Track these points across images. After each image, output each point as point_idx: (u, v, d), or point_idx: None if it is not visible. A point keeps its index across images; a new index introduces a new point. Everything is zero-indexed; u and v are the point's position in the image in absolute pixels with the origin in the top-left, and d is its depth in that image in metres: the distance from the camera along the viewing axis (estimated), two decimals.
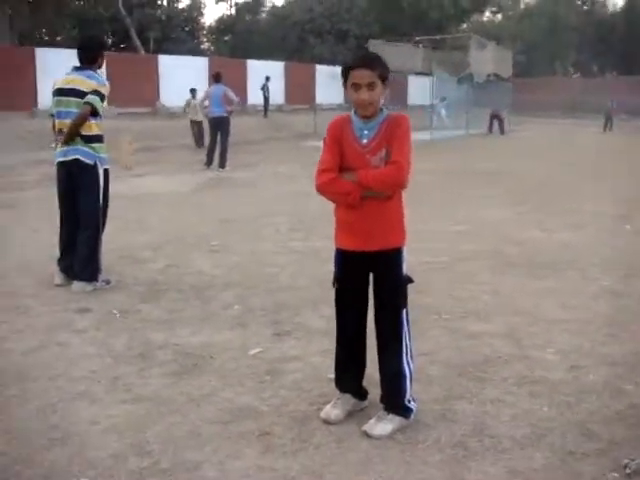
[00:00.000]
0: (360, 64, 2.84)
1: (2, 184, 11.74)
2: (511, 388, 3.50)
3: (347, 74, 2.87)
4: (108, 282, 5.41)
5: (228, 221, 8.35)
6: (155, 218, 8.60)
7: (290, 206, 9.42)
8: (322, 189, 2.93)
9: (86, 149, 5.11)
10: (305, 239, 7.36)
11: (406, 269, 3.05)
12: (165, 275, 5.84)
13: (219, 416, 3.17)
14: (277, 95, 30.75)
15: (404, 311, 3.02)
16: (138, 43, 36.34)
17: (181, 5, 47.05)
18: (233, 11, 49.60)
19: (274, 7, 49.14)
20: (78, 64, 5.27)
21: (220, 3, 50.76)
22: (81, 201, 5.17)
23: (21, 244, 6.97)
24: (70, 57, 21.15)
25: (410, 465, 2.74)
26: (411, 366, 3.07)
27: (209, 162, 14.17)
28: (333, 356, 3.23)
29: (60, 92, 5.13)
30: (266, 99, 27.95)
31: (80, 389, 3.49)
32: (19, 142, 17.57)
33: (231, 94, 13.85)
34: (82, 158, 5.09)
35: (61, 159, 5.16)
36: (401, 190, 2.96)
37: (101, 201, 5.23)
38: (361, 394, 3.20)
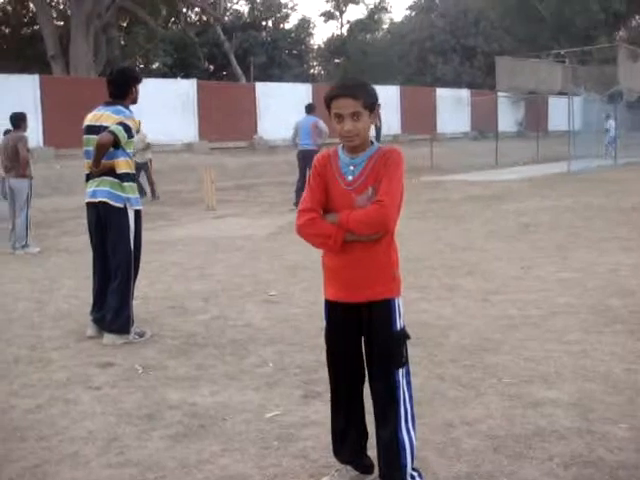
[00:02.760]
0: (342, 93, 2.95)
1: (66, 227, 12.62)
2: (555, 469, 3.40)
3: (329, 104, 2.98)
4: (142, 335, 5.73)
5: (297, 268, 8.57)
6: (219, 265, 8.98)
7: None
8: (301, 231, 3.03)
9: (114, 191, 5.47)
10: None
11: (402, 323, 3.09)
12: (207, 328, 6.09)
13: None
14: (392, 123, 31.09)
15: (401, 371, 3.05)
16: (238, 70, 38.01)
17: (288, 26, 48.88)
18: (344, 30, 50.92)
19: (392, 23, 50.01)
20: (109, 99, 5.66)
21: (329, 22, 51.99)
22: (110, 247, 5.54)
23: (67, 291, 7.48)
24: (162, 86, 22.58)
25: None
26: (412, 435, 3.08)
27: (298, 201, 14.50)
28: None
29: (89, 130, 5.56)
30: (377, 128, 28.31)
31: (70, 450, 3.73)
32: None
33: (322, 125, 14.35)
34: (110, 201, 5.46)
35: (89, 200, 5.56)
36: (390, 233, 3.01)
37: (132, 246, 5.57)
38: (365, 466, 3.23)
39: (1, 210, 11.44)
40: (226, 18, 45.19)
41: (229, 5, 47.35)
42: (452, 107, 33.89)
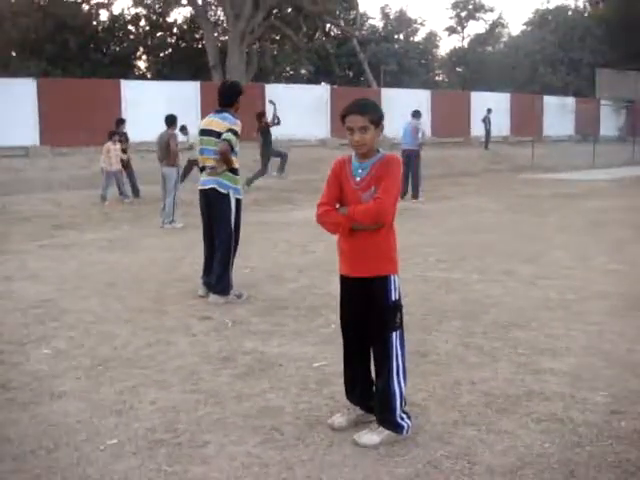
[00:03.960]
0: (353, 111, 3.28)
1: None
2: (529, 424, 3.59)
3: (344, 119, 3.30)
4: (240, 296, 6.23)
5: None
6: (322, 243, 9.33)
7: (454, 238, 9.67)
8: (319, 219, 3.40)
9: (221, 179, 5.98)
10: (447, 269, 7.62)
11: (396, 296, 3.37)
12: (294, 293, 6.52)
13: (248, 411, 3.73)
14: (502, 127, 30.48)
15: (394, 334, 3.34)
16: (371, 77, 38.18)
17: (417, 38, 48.60)
18: (465, 43, 50.15)
19: (510, 37, 48.68)
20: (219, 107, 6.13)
21: (452, 35, 51.32)
22: (215, 225, 6.06)
23: (193, 259, 8.12)
24: (301, 91, 23.09)
25: (372, 473, 3.06)
26: (402, 385, 3.37)
27: (402, 195, 14.63)
28: None
29: (202, 132, 6.09)
30: (487, 131, 27.87)
31: (160, 378, 4.26)
32: (243, 170, 19.60)
33: (422, 129, 14.55)
34: (217, 187, 5.98)
35: (201, 187, 6.11)
36: (388, 224, 3.30)
37: (232, 227, 6.05)
38: (369, 407, 3.55)
39: (153, 193, 12.36)
40: (363, 32, 45.49)
41: (367, 20, 47.56)
42: (558, 112, 32.73)
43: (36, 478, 3.00)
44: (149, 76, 35.84)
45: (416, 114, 15.17)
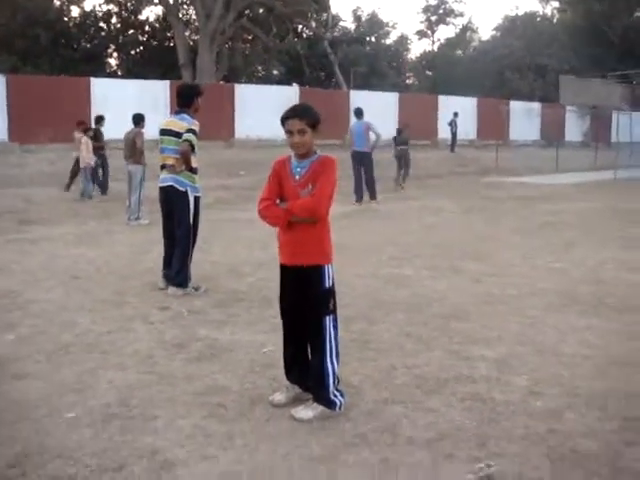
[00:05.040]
0: (291, 115, 3.63)
1: None
2: (453, 402, 3.95)
3: (284, 123, 3.64)
4: (197, 289, 6.53)
5: (340, 247, 9.12)
6: None
7: (410, 238, 10.06)
8: (260, 213, 3.74)
9: (180, 178, 6.28)
10: (399, 266, 7.99)
11: (329, 284, 3.72)
12: (249, 287, 6.84)
13: (197, 390, 4.05)
14: (469, 130, 31.13)
15: (327, 318, 3.69)
16: (341, 79, 38.65)
17: (388, 41, 49.17)
18: (435, 47, 50.97)
19: (480, 42, 49.55)
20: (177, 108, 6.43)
21: (423, 39, 52.09)
22: (175, 222, 6.35)
23: (156, 254, 8.37)
24: (268, 92, 23.41)
25: (304, 443, 3.40)
26: (335, 365, 3.72)
27: (359, 199, 14.47)
28: None
29: (162, 132, 6.39)
30: (453, 134, 28.45)
31: (118, 361, 4.56)
32: (211, 169, 19.86)
33: (374, 130, 14.21)
34: (176, 185, 6.28)
35: (160, 185, 6.40)
36: (322, 218, 3.65)
37: (191, 223, 6.35)
38: (307, 386, 3.88)
39: (120, 190, 12.58)
40: (335, 34, 45.96)
41: (339, 22, 48.00)
42: (524, 117, 33.50)
43: None
44: (120, 73, 35.87)
45: (358, 113, 14.61)
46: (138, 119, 11.41)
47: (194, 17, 33.43)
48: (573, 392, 4.13)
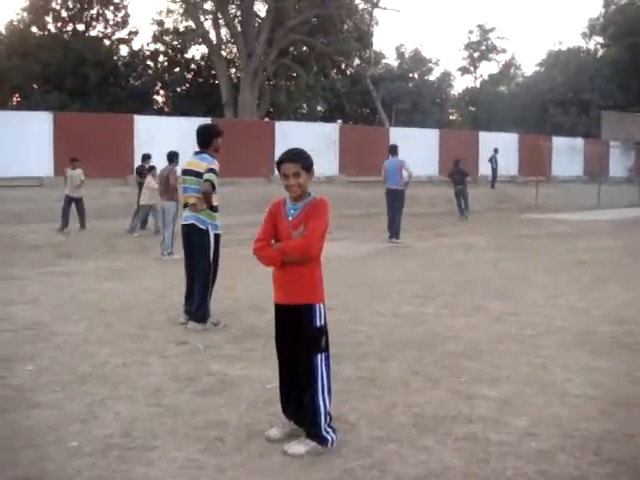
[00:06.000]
0: (286, 159, 3.82)
1: None
2: (448, 442, 4.01)
3: (279, 167, 3.83)
4: (217, 324, 6.72)
5: (362, 284, 9.34)
6: None
7: (435, 275, 10.12)
8: (255, 253, 3.92)
9: (201, 216, 6.51)
10: (420, 304, 8.05)
11: (321, 322, 3.86)
12: (268, 323, 6.94)
13: (198, 423, 4.20)
14: (510, 166, 31.04)
15: (319, 356, 3.82)
16: (384, 115, 39.00)
17: (431, 78, 49.57)
18: (478, 83, 51.19)
19: (525, 78, 49.56)
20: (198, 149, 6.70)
21: (465, 75, 52.40)
22: (195, 258, 6.58)
23: (182, 289, 8.62)
24: (310, 128, 23.88)
25: (293, 478, 3.51)
26: (327, 402, 3.83)
27: (392, 235, 14.47)
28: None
29: (183, 172, 6.68)
30: (494, 170, 28.43)
31: (129, 393, 4.76)
32: (249, 205, 20.26)
33: (407, 168, 14.31)
34: (197, 223, 6.52)
35: (182, 222, 6.67)
36: (315, 259, 3.81)
37: (211, 260, 6.57)
38: (301, 422, 4.00)
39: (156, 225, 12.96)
40: (380, 71, 46.62)
41: (382, 59, 48.67)
42: (566, 153, 33.30)
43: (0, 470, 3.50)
44: (167, 110, 36.93)
45: (393, 150, 14.74)
46: (172, 156, 11.80)
47: (237, 55, 34.38)
48: (570, 433, 4.15)
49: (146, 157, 16.28)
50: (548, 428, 4.24)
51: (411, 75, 48.71)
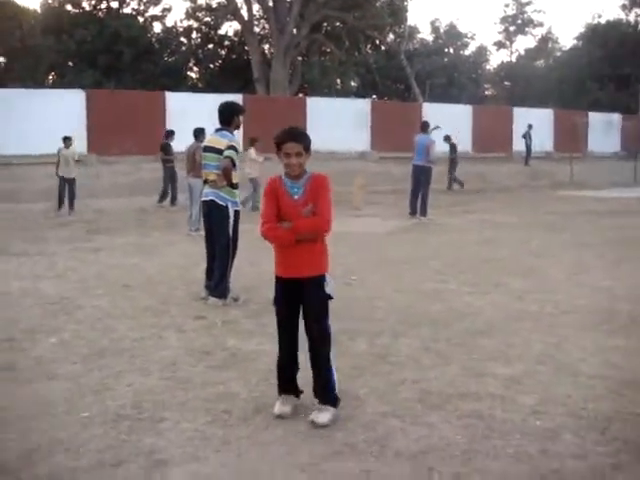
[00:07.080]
0: (288, 139, 3.87)
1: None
2: (452, 419, 4.03)
3: (280, 146, 3.86)
4: (236, 299, 6.81)
5: (387, 261, 9.35)
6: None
7: (461, 252, 10.08)
8: (265, 235, 3.99)
9: (221, 193, 6.57)
10: (442, 281, 8.04)
11: (329, 289, 3.96)
12: None
13: (208, 396, 4.30)
14: (545, 143, 30.46)
15: (328, 319, 3.97)
16: (417, 91, 38.53)
17: (467, 52, 48.78)
18: (514, 57, 50.25)
19: (561, 52, 48.48)
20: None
21: (501, 50, 51.46)
22: (215, 235, 6.66)
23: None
24: (342, 104, 23.61)
25: (294, 450, 3.58)
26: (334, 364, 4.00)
27: (413, 211, 14.46)
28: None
29: (204, 149, 6.75)
30: (527, 147, 27.93)
31: (144, 366, 4.88)
32: None
33: (433, 150, 14.21)
34: (216, 200, 6.58)
35: (203, 199, 6.74)
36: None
37: (230, 236, 6.64)
38: (297, 393, 4.13)
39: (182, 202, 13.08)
40: (415, 46, 46.07)
41: (417, 34, 48.00)
42: (603, 129, 32.57)
43: (11, 441, 3.63)
44: (200, 86, 37.02)
45: (424, 126, 14.72)
46: (198, 133, 11.87)
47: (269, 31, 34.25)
48: (577, 413, 4.13)
49: (169, 133, 16.38)
50: (555, 407, 4.23)
51: (446, 50, 47.93)
